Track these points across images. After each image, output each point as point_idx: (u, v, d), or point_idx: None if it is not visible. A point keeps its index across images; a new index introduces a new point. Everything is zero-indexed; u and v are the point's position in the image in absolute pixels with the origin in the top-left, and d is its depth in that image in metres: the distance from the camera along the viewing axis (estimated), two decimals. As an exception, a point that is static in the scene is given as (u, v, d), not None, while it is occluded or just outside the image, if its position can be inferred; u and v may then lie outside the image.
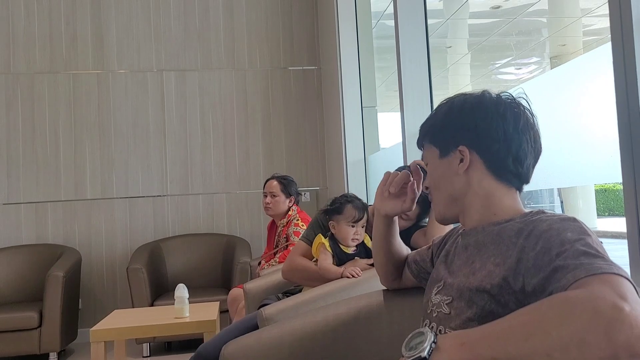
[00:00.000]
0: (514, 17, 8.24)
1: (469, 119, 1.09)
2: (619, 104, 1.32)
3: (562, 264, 0.83)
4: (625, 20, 1.30)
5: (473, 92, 1.13)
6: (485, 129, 1.06)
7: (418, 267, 1.37)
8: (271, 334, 1.50)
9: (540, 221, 0.95)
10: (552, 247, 0.87)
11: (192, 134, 4.70)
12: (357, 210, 2.10)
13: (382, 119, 4.66)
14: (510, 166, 1.06)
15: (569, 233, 0.88)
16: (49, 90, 4.56)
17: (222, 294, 3.92)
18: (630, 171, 1.29)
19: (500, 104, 1.08)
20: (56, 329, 3.77)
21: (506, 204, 1.07)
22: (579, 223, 0.91)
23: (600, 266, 0.78)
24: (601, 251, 0.84)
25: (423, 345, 0.81)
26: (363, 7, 4.22)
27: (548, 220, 0.94)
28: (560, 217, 0.94)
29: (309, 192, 4.73)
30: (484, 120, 1.07)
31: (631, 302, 0.70)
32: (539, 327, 0.73)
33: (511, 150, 1.05)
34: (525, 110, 1.09)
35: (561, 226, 0.90)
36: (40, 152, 4.52)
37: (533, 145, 1.08)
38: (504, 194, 1.07)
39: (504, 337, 0.76)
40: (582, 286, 0.76)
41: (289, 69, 4.86)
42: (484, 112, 1.08)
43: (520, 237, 0.95)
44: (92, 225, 4.55)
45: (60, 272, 3.83)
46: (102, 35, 4.64)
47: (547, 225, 0.92)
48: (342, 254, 2.12)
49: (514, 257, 0.94)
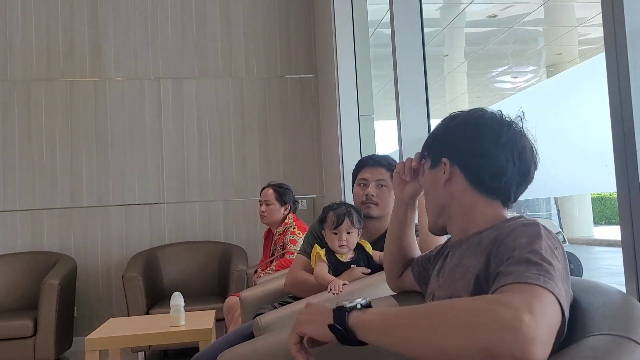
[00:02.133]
0: (510, 26, 8.29)
1: (454, 133, 1.14)
2: (613, 113, 1.33)
3: (504, 270, 0.86)
4: (618, 31, 1.31)
5: (470, 110, 1.17)
6: (465, 143, 1.11)
7: (420, 269, 1.39)
8: (267, 343, 1.50)
9: (508, 227, 0.99)
10: (506, 252, 0.91)
11: (188, 141, 4.70)
12: (336, 216, 2.08)
13: (379, 127, 4.67)
14: (487, 181, 1.08)
15: (523, 239, 0.91)
16: (45, 97, 4.56)
17: (218, 302, 3.91)
18: (625, 181, 1.30)
19: (482, 120, 1.11)
20: (51, 338, 3.75)
21: (488, 213, 1.10)
22: (537, 227, 0.93)
23: (529, 276, 0.80)
24: (547, 258, 0.85)
25: (355, 301, 0.91)
26: (360, 16, 4.24)
27: (513, 225, 0.97)
28: (523, 222, 0.97)
29: (305, 199, 4.73)
30: (464, 136, 1.11)
31: (536, 315, 0.72)
32: (440, 326, 0.77)
33: (487, 165, 1.08)
34: (511, 128, 1.10)
35: (520, 231, 0.94)
36: (37, 159, 4.51)
37: (516, 162, 1.08)
38: (485, 206, 1.10)
39: (408, 326, 0.82)
40: (503, 292, 0.80)
41: (286, 77, 4.87)
42: (466, 127, 1.12)
43: (494, 244, 0.98)
44: (88, 233, 4.53)
45: (56, 280, 3.81)
46: (99, 42, 4.65)
47: (510, 231, 0.96)
48: (337, 264, 2.11)
49: (483, 263, 0.97)
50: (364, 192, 2.15)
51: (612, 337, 0.80)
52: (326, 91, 4.53)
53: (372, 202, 2.13)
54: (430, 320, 0.79)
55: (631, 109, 1.28)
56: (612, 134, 1.33)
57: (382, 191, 2.14)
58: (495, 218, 1.08)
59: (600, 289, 0.96)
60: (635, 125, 1.27)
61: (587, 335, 0.82)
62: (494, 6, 7.64)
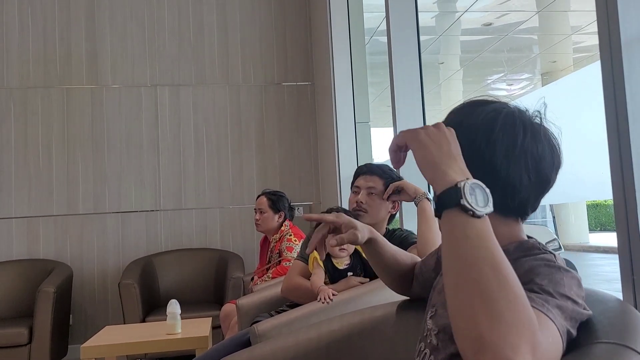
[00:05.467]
0: (505, 34, 8.34)
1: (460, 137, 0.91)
2: (609, 121, 1.34)
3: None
4: (613, 40, 1.32)
5: (485, 107, 0.98)
6: (473, 158, 0.88)
7: (423, 277, 1.33)
8: (264, 351, 1.50)
9: (526, 262, 0.88)
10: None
11: (185, 149, 4.70)
12: None
13: (375, 134, 4.68)
14: (497, 201, 0.86)
15: (545, 280, 0.83)
16: (42, 104, 4.55)
17: (214, 309, 3.89)
18: (620, 188, 1.30)
19: (495, 127, 0.93)
20: (46, 346, 3.72)
21: (499, 232, 0.92)
22: (561, 274, 0.84)
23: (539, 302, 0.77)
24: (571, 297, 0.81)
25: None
26: (356, 24, 4.26)
27: (533, 264, 0.88)
28: (546, 263, 0.87)
29: (302, 207, 4.73)
30: (472, 148, 0.92)
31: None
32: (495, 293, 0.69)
33: (497, 184, 0.88)
34: (527, 134, 0.93)
35: (543, 272, 0.85)
36: (33, 166, 4.50)
37: (532, 176, 0.93)
38: (497, 225, 0.89)
39: None
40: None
41: (282, 85, 4.88)
42: (476, 138, 0.94)
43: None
44: (84, 241, 4.52)
45: (51, 288, 3.79)
46: (96, 50, 4.65)
47: (529, 269, 0.86)
48: (334, 270, 2.11)
49: None
50: (355, 199, 2.16)
51: (612, 346, 0.80)
52: (323, 98, 4.54)
53: (361, 210, 2.14)
54: (499, 282, 0.70)
55: (626, 118, 1.29)
56: (608, 141, 1.34)
57: (372, 199, 2.14)
58: (509, 237, 0.95)
59: (598, 296, 0.96)
60: (631, 132, 1.28)
61: (586, 344, 0.82)
62: (489, 14, 7.69)
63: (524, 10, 7.61)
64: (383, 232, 2.21)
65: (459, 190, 0.77)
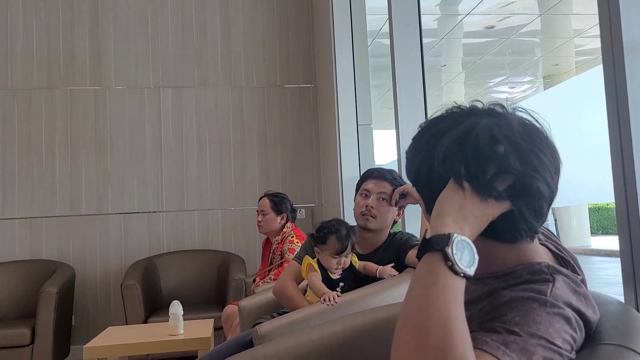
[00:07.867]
0: (507, 37, 8.35)
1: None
2: (611, 125, 1.34)
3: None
4: (616, 43, 1.33)
5: (481, 124, 0.91)
6: (472, 171, 0.84)
7: None
8: (266, 352, 1.50)
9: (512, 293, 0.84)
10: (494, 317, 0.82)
11: (188, 150, 4.71)
12: (339, 243, 2.06)
13: (378, 136, 4.68)
14: (501, 233, 0.86)
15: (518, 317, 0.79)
16: (45, 106, 4.57)
17: (216, 310, 3.90)
18: (622, 191, 1.31)
19: (499, 148, 0.84)
20: (48, 346, 3.73)
21: (507, 258, 0.90)
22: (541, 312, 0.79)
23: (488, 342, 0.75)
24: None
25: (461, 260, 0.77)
26: (359, 26, 4.27)
27: (515, 297, 0.83)
28: (530, 296, 0.81)
29: (304, 208, 4.74)
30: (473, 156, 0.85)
31: None
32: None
33: (501, 217, 0.84)
34: (522, 138, 0.86)
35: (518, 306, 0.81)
36: (36, 167, 4.52)
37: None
38: (505, 252, 0.90)
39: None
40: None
41: (285, 87, 4.89)
42: (475, 146, 0.86)
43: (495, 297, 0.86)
44: (87, 241, 4.53)
45: (54, 288, 3.80)
46: (99, 51, 4.67)
47: (509, 300, 0.83)
48: (328, 279, 2.12)
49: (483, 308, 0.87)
50: (365, 203, 2.16)
51: (614, 347, 0.81)
52: (325, 101, 4.55)
53: (370, 215, 2.14)
54: (441, 336, 0.70)
55: (628, 121, 1.29)
56: (610, 144, 1.34)
57: (382, 204, 2.15)
58: (518, 259, 0.89)
59: (600, 299, 0.96)
60: (633, 136, 1.29)
61: (588, 346, 0.83)
62: (492, 17, 7.70)
63: (526, 13, 7.61)
64: (386, 237, 2.22)
65: (448, 239, 0.76)
